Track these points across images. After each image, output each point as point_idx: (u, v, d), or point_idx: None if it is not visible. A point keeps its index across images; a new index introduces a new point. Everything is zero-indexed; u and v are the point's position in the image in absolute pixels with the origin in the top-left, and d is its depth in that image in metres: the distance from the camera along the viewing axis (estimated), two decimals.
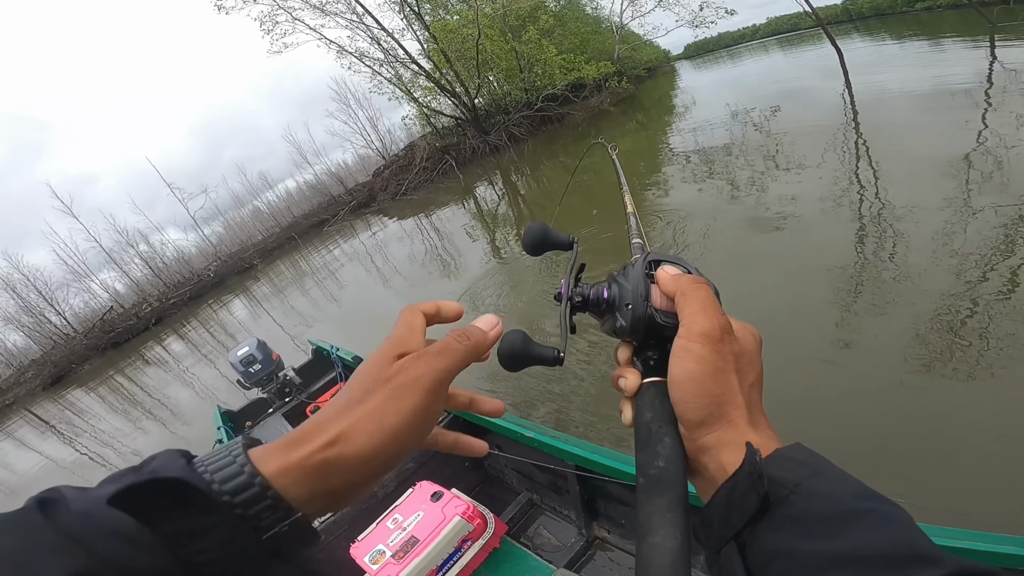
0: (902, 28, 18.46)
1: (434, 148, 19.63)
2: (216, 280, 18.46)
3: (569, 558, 2.06)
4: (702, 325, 0.35)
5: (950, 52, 11.21)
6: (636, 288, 0.39)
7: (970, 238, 3.53)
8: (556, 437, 1.99)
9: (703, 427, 0.35)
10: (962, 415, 2.39)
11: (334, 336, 7.21)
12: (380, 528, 1.88)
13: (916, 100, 7.64)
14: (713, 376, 0.35)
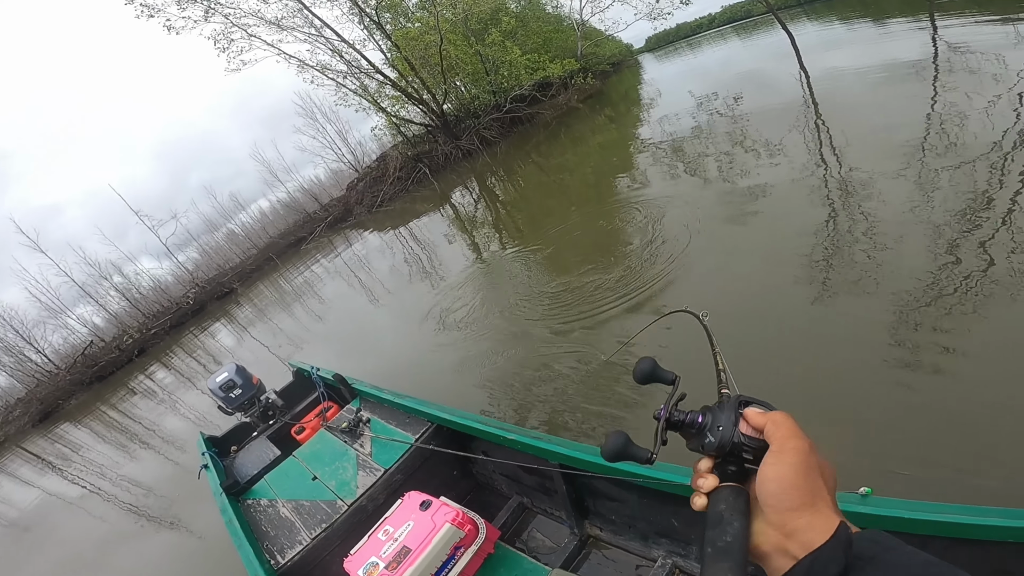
0: (847, 9, 18.97)
1: (406, 157, 19.45)
2: (196, 307, 18.09)
3: (564, 558, 2.08)
4: (794, 443, 0.45)
5: (895, 31, 11.55)
6: (728, 419, 0.50)
7: (930, 204, 3.70)
8: (538, 438, 2.00)
9: (796, 511, 0.43)
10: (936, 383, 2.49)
11: (325, 353, 7.17)
12: (372, 541, 1.88)
13: (868, 78, 7.89)
14: (803, 474, 0.44)
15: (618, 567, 2.04)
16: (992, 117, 4.81)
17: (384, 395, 2.82)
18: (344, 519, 2.16)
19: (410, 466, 2.38)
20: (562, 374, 3.84)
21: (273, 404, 3.43)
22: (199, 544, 4.06)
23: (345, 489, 2.30)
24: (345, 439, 2.68)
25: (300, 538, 2.11)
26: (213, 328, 14.02)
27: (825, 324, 3.09)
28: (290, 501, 2.36)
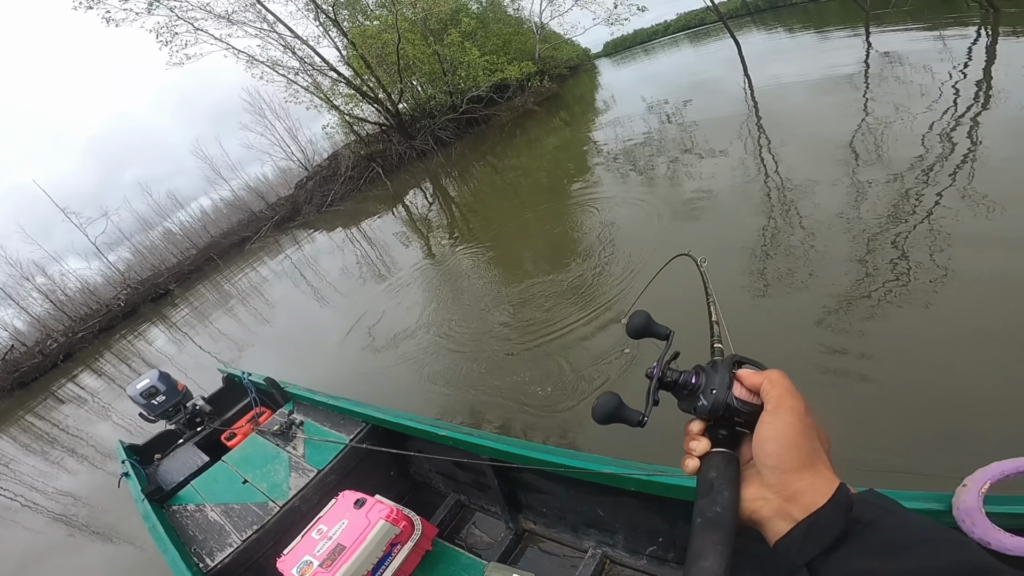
0: (792, 20, 20.15)
1: (359, 156, 19.03)
2: (128, 309, 16.86)
3: (500, 552, 2.11)
4: (790, 402, 0.45)
5: (834, 41, 12.34)
6: (723, 379, 0.49)
7: (858, 205, 3.97)
8: (469, 433, 2.02)
9: (796, 472, 0.42)
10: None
11: (270, 358, 6.94)
12: (305, 540, 1.87)
13: (807, 87, 8.39)
14: (802, 434, 0.43)
15: (553, 559, 2.08)
16: (914, 125, 5.20)
17: (318, 397, 2.78)
18: (276, 520, 2.14)
19: (344, 466, 2.37)
20: (514, 365, 3.87)
21: (201, 411, 3.30)
22: (132, 553, 3.89)
23: (277, 491, 2.27)
24: (277, 442, 2.63)
25: (230, 541, 2.08)
26: (147, 331, 13.12)
27: (761, 315, 3.29)
28: (219, 505, 2.31)
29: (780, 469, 0.43)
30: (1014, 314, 2.57)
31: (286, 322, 8.51)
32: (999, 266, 2.92)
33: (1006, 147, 4.20)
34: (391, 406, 3.55)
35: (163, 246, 22.74)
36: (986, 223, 3.30)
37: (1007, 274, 2.84)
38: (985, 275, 2.88)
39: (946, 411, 2.25)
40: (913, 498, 1.06)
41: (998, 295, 2.73)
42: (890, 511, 0.39)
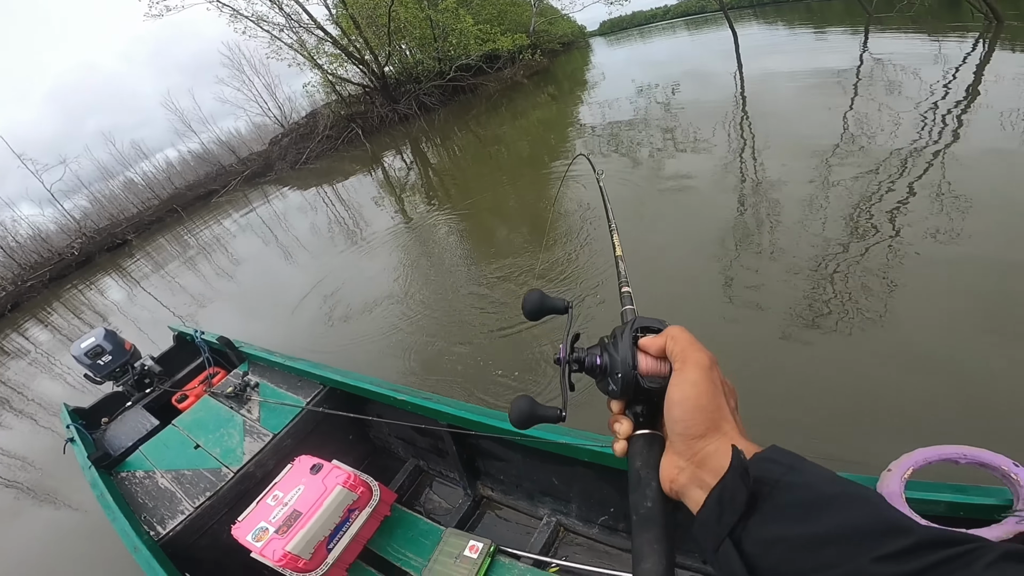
0: (794, 16, 20.07)
1: (339, 116, 18.38)
2: (82, 259, 15.99)
3: (459, 518, 2.11)
4: (695, 356, 0.42)
5: (831, 40, 12.37)
6: (624, 358, 0.46)
7: (830, 204, 4.08)
8: (428, 398, 1.99)
9: (703, 439, 0.40)
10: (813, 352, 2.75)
11: (233, 315, 6.70)
12: (261, 507, 1.83)
13: (797, 84, 8.41)
14: (708, 395, 0.41)
15: (509, 526, 2.11)
16: (896, 128, 5.30)
17: (274, 358, 2.68)
18: (230, 486, 2.08)
19: (301, 430, 2.30)
20: (477, 332, 3.84)
21: (150, 371, 3.12)
22: (79, 519, 3.70)
23: (231, 456, 2.20)
24: (231, 405, 2.54)
25: (182, 508, 2.01)
26: (101, 282, 12.46)
27: (726, 296, 3.38)
28: (170, 471, 2.23)
29: (688, 435, 0.41)
30: (959, 308, 2.72)
31: (250, 279, 8.22)
32: (952, 257, 3.11)
33: (977, 159, 4.33)
34: (358, 367, 3.45)
35: (123, 196, 21.54)
36: (941, 224, 3.45)
37: (959, 264, 3.03)
38: (939, 264, 3.07)
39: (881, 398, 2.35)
40: None
41: (948, 288, 2.89)
42: (794, 467, 0.37)
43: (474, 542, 1.85)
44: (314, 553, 1.73)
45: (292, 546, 1.67)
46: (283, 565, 1.66)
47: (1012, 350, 2.38)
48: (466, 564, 1.80)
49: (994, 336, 2.49)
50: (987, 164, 4.19)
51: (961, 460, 0.98)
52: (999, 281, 2.84)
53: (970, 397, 2.24)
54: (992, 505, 0.99)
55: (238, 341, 2.93)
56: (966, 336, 2.54)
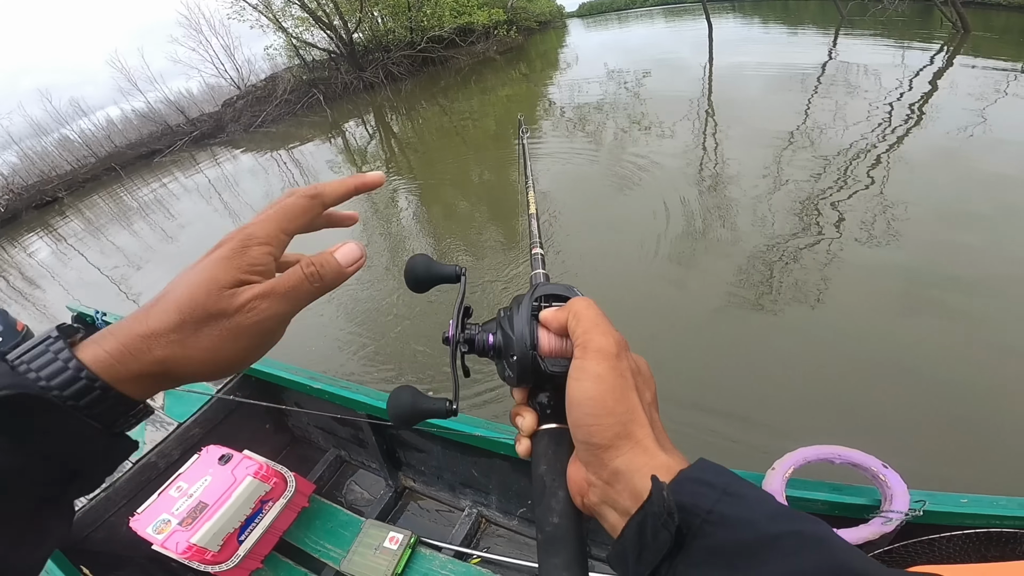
0: (771, 13, 20.25)
1: (300, 81, 17.55)
2: (8, 216, 14.68)
3: (380, 509, 2.07)
4: (597, 342, 0.34)
5: (803, 39, 12.57)
6: (521, 336, 0.37)
7: (779, 196, 4.28)
8: (346, 387, 1.92)
9: (611, 450, 0.32)
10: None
11: (166, 279, 6.20)
12: (163, 498, 1.74)
13: (763, 80, 8.52)
14: (614, 393, 0.32)
15: (432, 517, 2.09)
16: (847, 128, 5.52)
17: None
18: (128, 478, 1.96)
19: (211, 419, 2.20)
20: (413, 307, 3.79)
21: None
22: None
23: None
24: None
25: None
26: (26, 241, 11.44)
27: (671, 281, 3.53)
28: None
29: (592, 444, 0.32)
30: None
31: (193, 242, 7.73)
32: (882, 259, 3.27)
33: (919, 160, 4.57)
34: (290, 343, 3.29)
35: (56, 153, 19.86)
36: (879, 227, 3.64)
37: (886, 265, 3.20)
38: (867, 265, 3.24)
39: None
40: None
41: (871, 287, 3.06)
42: (729, 492, 0.29)
43: (394, 533, 1.81)
44: (223, 545, 1.65)
45: (198, 538, 1.59)
46: (188, 557, 1.59)
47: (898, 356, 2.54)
48: (386, 556, 1.76)
49: (892, 337, 2.65)
50: (927, 165, 4.44)
51: (836, 460, 1.02)
52: (916, 281, 3.04)
53: (863, 398, 2.35)
54: (863, 505, 1.03)
55: None
56: (871, 334, 2.70)
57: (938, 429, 2.14)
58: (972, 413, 2.18)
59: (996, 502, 0.96)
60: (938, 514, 0.96)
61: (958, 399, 2.24)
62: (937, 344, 2.58)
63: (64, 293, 7.05)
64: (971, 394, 2.26)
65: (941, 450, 2.05)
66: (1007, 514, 0.93)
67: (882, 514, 0.95)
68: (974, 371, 2.37)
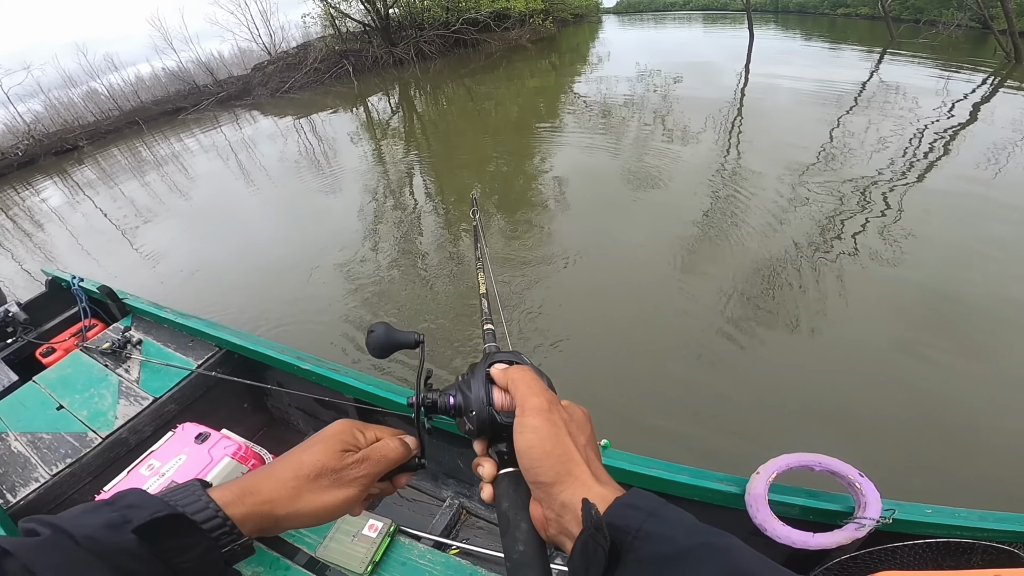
0: (815, 27, 19.63)
1: (332, 50, 17.42)
2: (25, 159, 14.76)
3: None
4: (532, 402, 0.41)
5: (844, 57, 12.19)
6: (478, 395, 0.44)
7: (794, 218, 4.18)
8: (335, 370, 1.85)
9: (556, 486, 0.39)
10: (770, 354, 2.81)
11: (181, 233, 6.31)
12: (132, 475, 1.62)
13: (796, 94, 8.28)
14: (551, 439, 0.40)
15: (412, 507, 2.04)
16: (874, 152, 5.34)
17: (164, 314, 2.38)
18: (97, 453, 1.85)
19: (188, 395, 2.10)
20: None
21: (13, 319, 2.71)
22: None
23: (100, 420, 1.96)
24: (106, 363, 2.25)
25: (37, 475, 1.78)
26: (41, 185, 11.48)
27: (672, 289, 3.48)
28: (25, 434, 1.97)
29: (539, 483, 0.40)
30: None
31: (203, 199, 7.76)
32: (888, 282, 3.28)
33: (940, 193, 4.47)
34: (285, 308, 3.37)
35: (82, 104, 19.98)
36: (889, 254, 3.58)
37: (892, 289, 3.21)
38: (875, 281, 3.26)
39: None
40: (717, 479, 1.15)
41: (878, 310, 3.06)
42: (655, 514, 0.35)
43: (373, 521, 1.70)
44: None
45: None
46: None
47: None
48: (364, 543, 1.66)
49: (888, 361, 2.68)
50: (948, 199, 4.32)
51: (816, 467, 1.07)
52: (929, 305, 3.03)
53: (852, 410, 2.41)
54: (836, 511, 1.07)
55: (122, 292, 2.58)
56: (867, 355, 2.74)
57: (913, 442, 2.25)
58: (947, 429, 2.30)
59: (957, 513, 1.02)
60: (905, 523, 1.01)
61: (937, 416, 2.36)
62: (929, 365, 2.65)
63: (70, 238, 7.04)
64: (951, 412, 2.37)
65: (914, 462, 2.16)
66: (966, 525, 0.99)
67: (855, 520, 1.00)
68: (961, 390, 2.48)
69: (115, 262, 5.75)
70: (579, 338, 3.07)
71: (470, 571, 1.55)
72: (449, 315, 3.49)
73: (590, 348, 2.99)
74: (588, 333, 3.11)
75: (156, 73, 22.23)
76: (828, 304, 3.10)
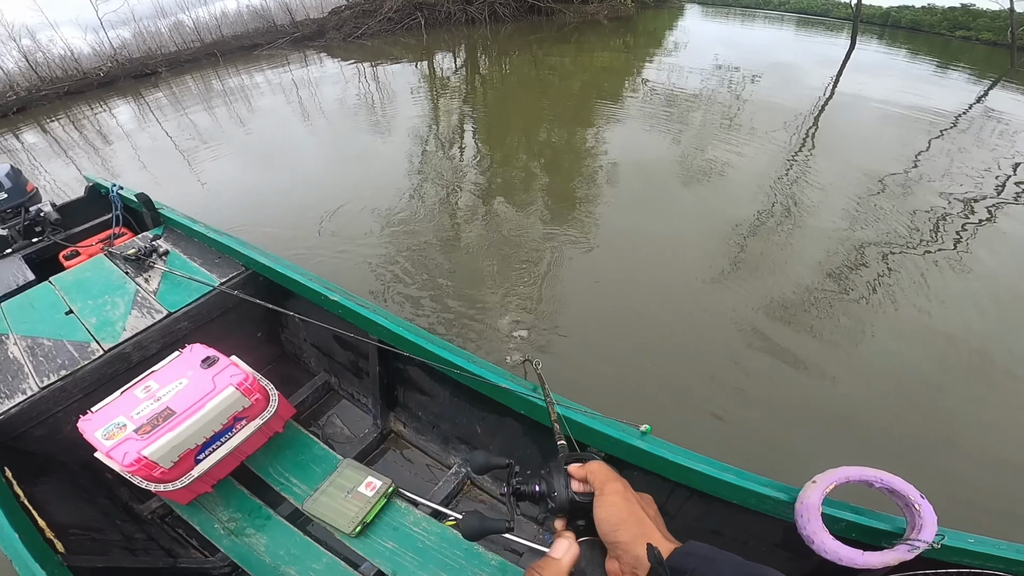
0: (925, 47, 17.79)
1: (407, 1, 17.28)
2: (106, 80, 15.46)
3: (360, 450, 1.88)
4: (611, 485, 0.56)
5: (949, 81, 11.07)
6: (559, 481, 0.59)
7: (842, 247, 3.92)
8: (363, 305, 1.73)
9: (634, 543, 0.49)
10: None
11: (232, 159, 6.55)
12: (126, 397, 1.49)
13: (885, 111, 7.65)
14: (627, 510, 0.53)
15: (414, 467, 1.91)
16: (956, 183, 4.94)
17: (197, 227, 2.28)
18: (94, 367, 1.70)
19: (203, 314, 1.96)
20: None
21: (45, 219, 2.68)
22: None
23: (107, 330, 1.81)
24: (127, 270, 2.12)
25: (25, 386, 1.61)
26: (115, 104, 12.01)
27: (708, 300, 3.35)
28: (26, 337, 1.81)
29: (618, 543, 0.50)
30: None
31: (260, 130, 8.05)
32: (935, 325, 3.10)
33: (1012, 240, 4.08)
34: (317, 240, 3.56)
35: (167, 34, 20.80)
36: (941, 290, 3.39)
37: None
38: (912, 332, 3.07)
39: None
40: (764, 483, 1.12)
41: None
42: (708, 558, 0.44)
43: (373, 479, 1.61)
44: (177, 462, 1.41)
45: (151, 451, 1.34)
46: (133, 472, 1.34)
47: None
48: (359, 501, 1.56)
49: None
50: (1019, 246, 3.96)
51: (876, 483, 1.04)
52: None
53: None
54: (883, 531, 1.05)
55: (159, 203, 2.51)
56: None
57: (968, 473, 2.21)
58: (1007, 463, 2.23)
59: (999, 545, 1.00)
60: (948, 549, 1.00)
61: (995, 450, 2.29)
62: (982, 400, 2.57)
63: (133, 154, 7.37)
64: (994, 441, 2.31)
65: (957, 492, 2.12)
66: (1007, 557, 0.98)
67: (908, 541, 0.98)
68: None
69: (171, 181, 6.06)
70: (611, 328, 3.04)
71: (465, 545, 1.48)
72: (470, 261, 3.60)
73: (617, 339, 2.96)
74: (615, 327, 3.07)
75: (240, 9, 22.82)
76: (861, 347, 2.95)
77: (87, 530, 1.45)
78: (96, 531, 1.48)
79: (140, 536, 1.58)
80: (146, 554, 1.51)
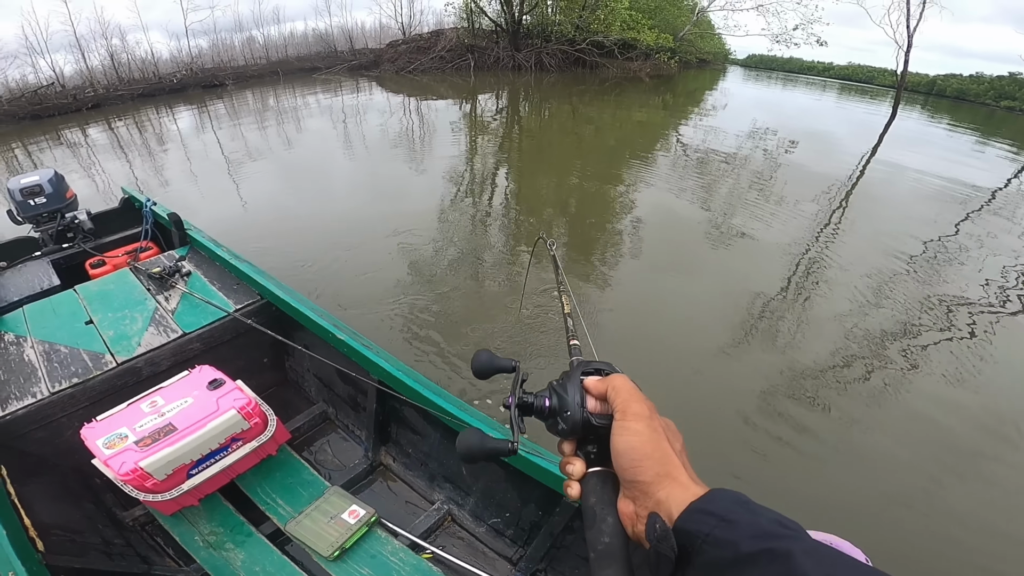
0: (969, 117, 17.67)
1: (461, 42, 18.27)
2: (178, 87, 16.68)
3: (348, 479, 1.92)
4: (634, 407, 0.43)
5: (988, 154, 10.95)
6: (573, 398, 0.47)
7: (866, 322, 3.84)
8: (367, 346, 1.80)
9: (654, 485, 0.40)
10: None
11: (269, 176, 6.87)
12: (131, 409, 1.55)
13: (918, 185, 7.61)
14: (651, 442, 0.42)
15: (398, 500, 1.95)
16: (979, 269, 4.82)
17: (220, 252, 2.38)
18: (105, 378, 1.76)
19: (215, 337, 2.02)
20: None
21: (79, 226, 2.76)
22: None
23: (123, 343, 1.88)
24: (150, 286, 2.21)
25: (36, 390, 1.66)
26: (180, 110, 12.92)
27: (722, 367, 3.29)
28: (44, 342, 1.87)
29: (638, 482, 0.41)
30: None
31: (304, 150, 8.49)
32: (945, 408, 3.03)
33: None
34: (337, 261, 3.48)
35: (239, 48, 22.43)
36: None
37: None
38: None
39: None
40: None
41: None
42: (727, 519, 0.35)
43: (357, 507, 1.66)
44: (170, 476, 1.47)
45: (148, 463, 1.40)
46: (126, 480, 1.39)
47: None
48: (340, 527, 1.61)
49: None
50: None
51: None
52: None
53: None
54: None
55: (188, 224, 2.61)
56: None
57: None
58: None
59: None
60: None
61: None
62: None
63: (184, 159, 7.84)
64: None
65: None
66: None
67: None
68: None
69: (209, 190, 6.42)
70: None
71: None
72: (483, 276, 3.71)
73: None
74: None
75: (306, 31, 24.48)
76: (870, 425, 2.88)
77: (69, 531, 1.49)
78: (77, 533, 1.52)
79: (119, 541, 1.61)
80: (122, 559, 1.54)
